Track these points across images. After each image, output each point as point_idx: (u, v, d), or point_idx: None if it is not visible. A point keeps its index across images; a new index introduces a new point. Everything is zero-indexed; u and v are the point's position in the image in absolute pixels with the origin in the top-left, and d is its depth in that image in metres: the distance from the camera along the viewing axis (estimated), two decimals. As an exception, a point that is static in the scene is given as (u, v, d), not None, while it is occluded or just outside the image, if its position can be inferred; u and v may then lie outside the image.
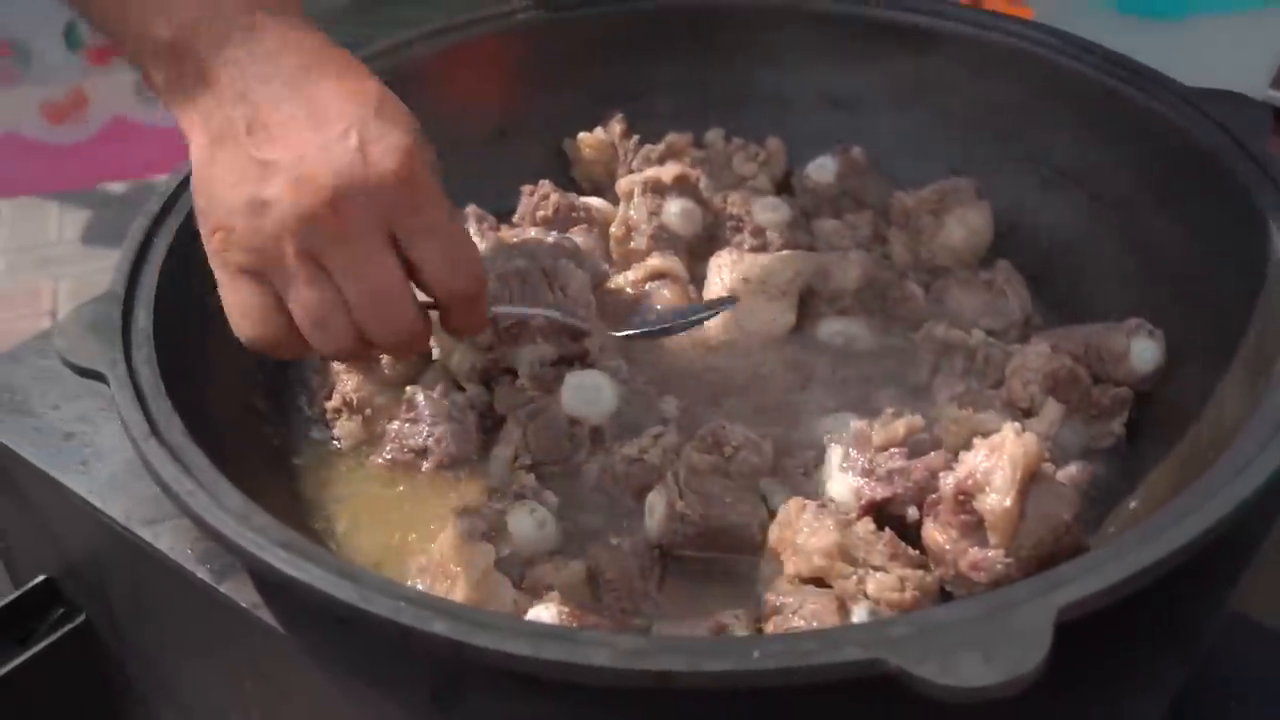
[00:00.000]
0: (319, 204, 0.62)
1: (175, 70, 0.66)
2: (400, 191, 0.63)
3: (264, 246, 0.63)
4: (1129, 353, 0.73)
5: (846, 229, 0.87)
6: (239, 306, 0.65)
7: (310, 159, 0.63)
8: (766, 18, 0.97)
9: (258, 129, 0.64)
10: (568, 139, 0.96)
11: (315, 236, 0.63)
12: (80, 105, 1.88)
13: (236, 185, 0.64)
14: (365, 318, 0.65)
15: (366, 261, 0.64)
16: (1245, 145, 0.75)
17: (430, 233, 0.64)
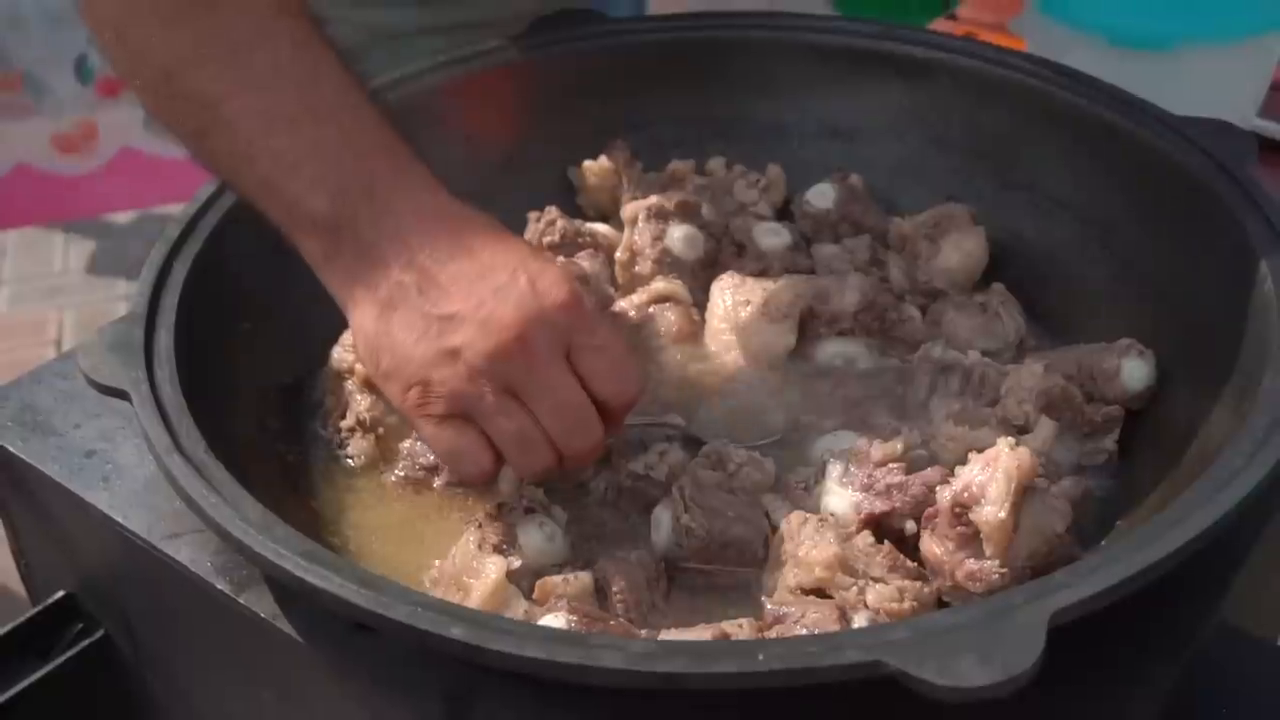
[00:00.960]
0: (508, 340, 0.67)
1: (333, 242, 0.71)
2: (572, 315, 0.69)
3: (464, 390, 0.69)
4: (1120, 372, 0.75)
5: (845, 253, 0.90)
6: (451, 451, 0.70)
7: (489, 303, 0.68)
8: (766, 49, 0.99)
9: (429, 289, 0.69)
10: (573, 167, 0.98)
11: (508, 371, 0.68)
12: (90, 137, 1.91)
13: (420, 341, 0.69)
14: (561, 435, 0.70)
15: (556, 384, 0.69)
16: (1231, 172, 0.77)
17: (600, 349, 0.70)
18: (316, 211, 0.71)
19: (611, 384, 0.71)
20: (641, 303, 0.87)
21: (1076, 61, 0.93)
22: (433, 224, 0.71)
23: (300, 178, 0.72)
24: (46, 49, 1.83)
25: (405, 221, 0.71)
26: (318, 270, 0.73)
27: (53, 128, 1.91)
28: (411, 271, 0.70)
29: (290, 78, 0.73)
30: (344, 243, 0.71)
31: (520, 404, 0.70)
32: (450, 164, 0.91)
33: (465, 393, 0.69)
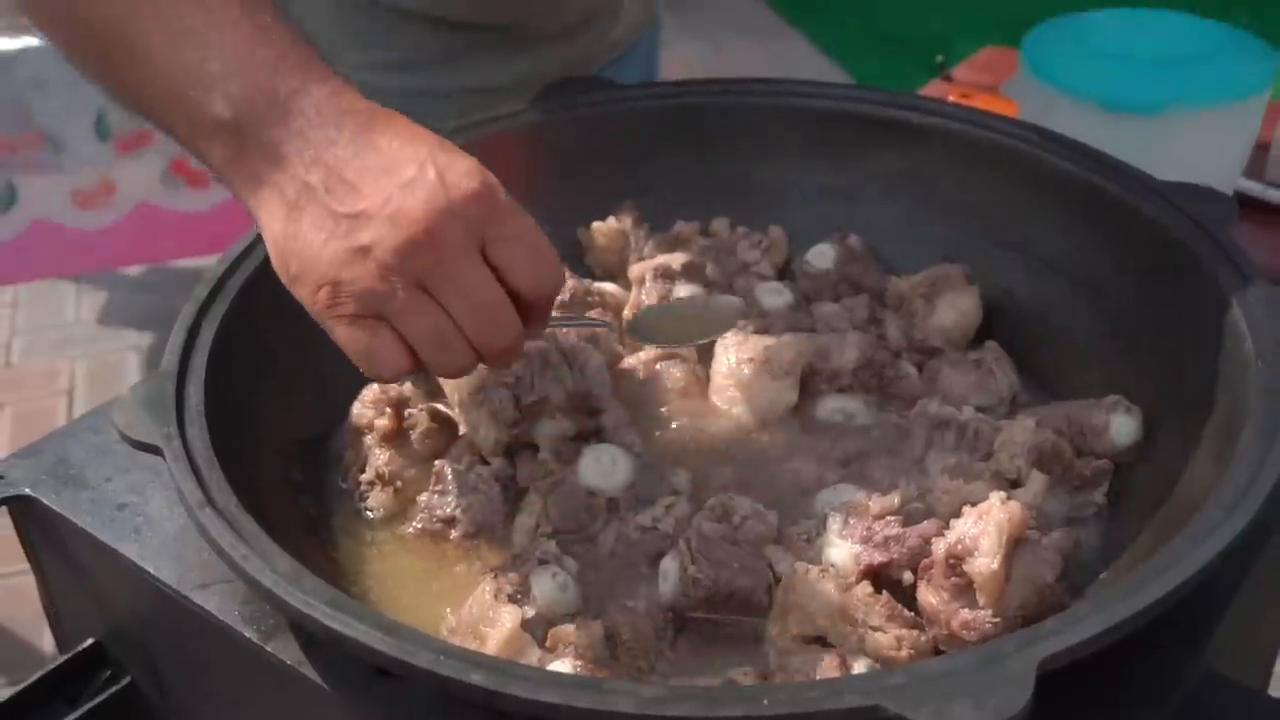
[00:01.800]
0: (418, 234, 0.67)
1: (236, 147, 0.71)
2: (484, 206, 0.68)
3: (375, 288, 0.68)
4: (1109, 427, 0.78)
5: (844, 311, 0.93)
6: (365, 351, 0.70)
7: (396, 198, 0.67)
8: (768, 114, 1.03)
9: (336, 187, 0.69)
10: (582, 228, 1.02)
11: (420, 266, 0.67)
12: (108, 192, 1.96)
13: (329, 240, 0.68)
14: (477, 331, 0.69)
15: (469, 278, 0.68)
16: (1212, 235, 0.81)
17: (515, 238, 0.69)
18: (219, 116, 0.70)
19: (529, 276, 0.70)
20: (648, 360, 0.90)
21: (1067, 124, 0.97)
22: (338, 121, 0.70)
23: (202, 85, 0.71)
24: (67, 108, 1.88)
25: (310, 120, 0.70)
26: (224, 178, 0.73)
27: (72, 183, 1.95)
28: (318, 170, 0.69)
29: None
30: (248, 146, 0.70)
31: (434, 301, 0.68)
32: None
33: (376, 290, 0.68)
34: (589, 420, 0.81)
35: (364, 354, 0.70)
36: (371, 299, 0.68)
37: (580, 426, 0.81)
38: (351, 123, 0.70)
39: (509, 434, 0.80)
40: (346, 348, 0.70)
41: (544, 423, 0.80)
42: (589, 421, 0.81)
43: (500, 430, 0.80)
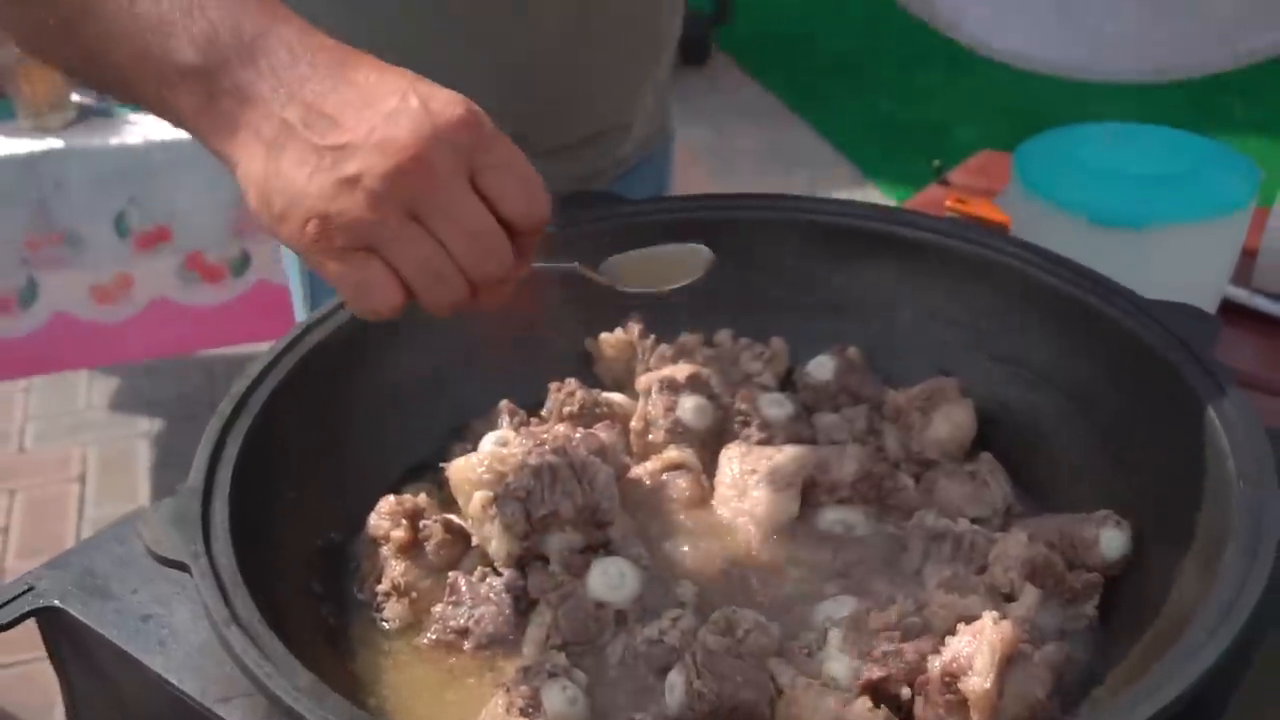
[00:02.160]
0: (405, 161, 0.66)
1: (205, 92, 0.70)
2: (471, 132, 0.68)
3: (365, 218, 0.67)
4: (1099, 541, 0.81)
5: (844, 422, 0.96)
6: (358, 285, 0.69)
7: (381, 128, 0.66)
8: (770, 229, 1.07)
9: (316, 121, 0.68)
10: (591, 338, 1.06)
11: (410, 194, 0.67)
12: (126, 287, 2.00)
13: (314, 175, 0.67)
14: (471, 260, 0.68)
15: (460, 204, 0.68)
16: (1197, 354, 0.84)
17: (504, 166, 0.69)
18: (186, 63, 0.69)
19: (519, 203, 0.69)
20: (655, 470, 0.93)
21: (1058, 236, 1.01)
22: (310, 58, 0.69)
23: (164, 33, 0.70)
24: (88, 207, 1.93)
25: (280, 59, 0.69)
26: (196, 129, 0.72)
27: (91, 279, 2.00)
28: (294, 107, 0.68)
29: None
30: (218, 91, 0.70)
31: (426, 231, 0.68)
32: (479, 334, 1.00)
33: (367, 220, 0.67)
34: (597, 533, 0.84)
35: (356, 288, 0.69)
36: (362, 230, 0.67)
37: (589, 539, 0.83)
38: (324, 59, 0.70)
39: (520, 546, 0.83)
40: (338, 283, 0.70)
41: (554, 535, 0.83)
42: (597, 534, 0.84)
43: (512, 542, 0.83)
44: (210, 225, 2.00)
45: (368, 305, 0.70)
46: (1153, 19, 1.10)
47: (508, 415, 0.97)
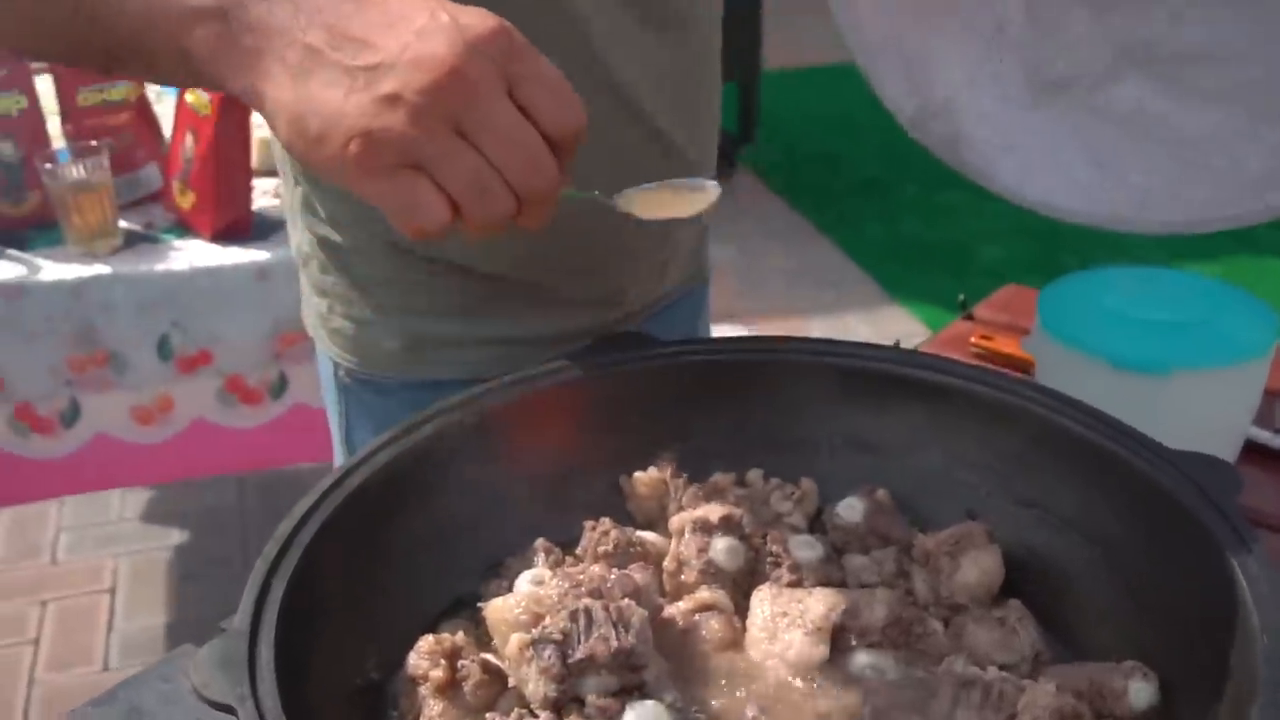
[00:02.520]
0: (443, 75, 0.65)
1: (221, 29, 0.70)
2: (505, 42, 0.68)
3: (408, 133, 0.66)
4: (1127, 693, 0.82)
5: (874, 564, 0.98)
6: (407, 204, 0.68)
7: (414, 45, 0.66)
8: (799, 370, 1.10)
9: (344, 44, 0.67)
10: (624, 476, 1.08)
11: (453, 107, 0.66)
12: (166, 408, 2.05)
13: (350, 94, 0.66)
14: (516, 172, 0.68)
15: (503, 117, 0.67)
16: (1219, 505, 0.86)
17: (538, 77, 0.69)
18: (201, 6, 0.69)
19: (556, 113, 0.69)
20: (687, 610, 0.95)
21: (1081, 380, 1.03)
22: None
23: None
24: (132, 330, 1.99)
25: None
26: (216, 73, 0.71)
27: (132, 400, 2.05)
28: (317, 31, 0.67)
29: None
30: (239, 27, 0.69)
31: (470, 145, 0.67)
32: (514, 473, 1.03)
33: (411, 135, 0.66)
34: (632, 675, 0.85)
35: (405, 207, 0.69)
36: (408, 145, 0.67)
37: (624, 681, 0.85)
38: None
39: (557, 689, 0.84)
40: (387, 203, 0.69)
41: (589, 679, 0.85)
42: (632, 677, 0.85)
43: (548, 685, 0.84)
44: (250, 349, 2.05)
45: (417, 224, 0.70)
46: (1184, 173, 1.14)
47: (543, 553, 0.99)
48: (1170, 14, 1.18)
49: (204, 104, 1.98)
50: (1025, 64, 1.23)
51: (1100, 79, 1.21)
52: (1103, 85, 1.21)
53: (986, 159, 1.21)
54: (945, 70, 1.24)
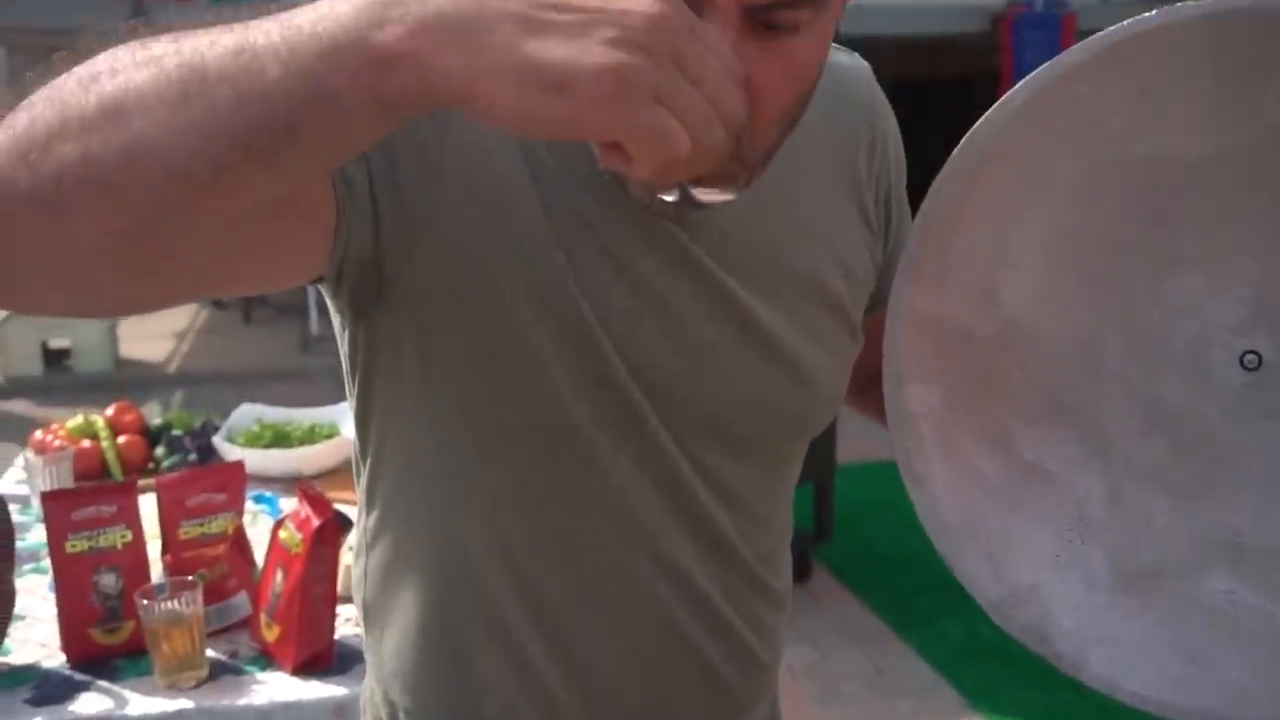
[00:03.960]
0: (657, 18, 0.74)
1: (420, 53, 0.72)
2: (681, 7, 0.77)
3: (647, 67, 0.73)
4: None
5: None
6: (658, 132, 0.75)
7: (613, 1, 0.74)
8: None
9: (546, 9, 0.73)
10: None
11: (669, 44, 0.74)
12: None
13: (578, 42, 0.72)
14: (727, 101, 0.78)
15: (707, 52, 0.77)
16: None
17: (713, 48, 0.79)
18: (386, 44, 0.72)
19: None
20: None
21: None
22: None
23: (355, 41, 0.72)
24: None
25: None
26: (418, 100, 0.74)
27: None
28: (513, 3, 0.73)
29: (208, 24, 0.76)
30: (434, 43, 0.72)
31: (689, 80, 0.75)
32: None
33: (651, 68, 0.73)
34: None
35: (660, 134, 0.75)
36: (650, 76, 0.73)
37: None
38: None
39: None
40: (639, 134, 0.75)
41: None
42: None
43: None
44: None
45: (672, 147, 0.76)
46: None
47: None
48: (1254, 510, 1.20)
49: (296, 542, 2.04)
50: (1109, 551, 1.25)
51: (1187, 569, 1.22)
52: (1191, 575, 1.22)
53: (1076, 649, 1.20)
54: (1028, 554, 1.25)
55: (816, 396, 1.24)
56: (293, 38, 0.73)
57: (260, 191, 0.77)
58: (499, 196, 1.04)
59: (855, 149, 1.27)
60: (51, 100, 0.75)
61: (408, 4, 0.73)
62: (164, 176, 0.74)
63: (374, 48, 0.73)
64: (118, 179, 0.73)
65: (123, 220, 0.75)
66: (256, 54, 0.73)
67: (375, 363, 1.13)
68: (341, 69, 0.73)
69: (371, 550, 1.24)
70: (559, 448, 1.11)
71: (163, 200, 0.75)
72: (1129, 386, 1.23)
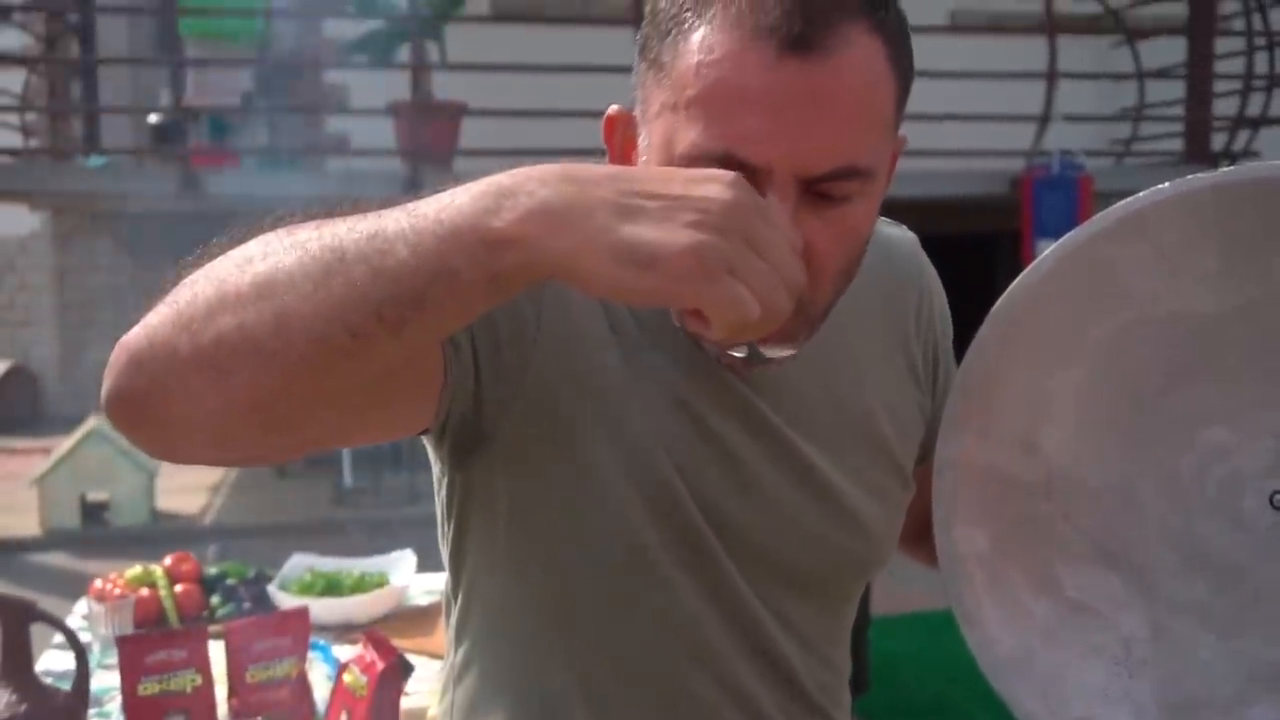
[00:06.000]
0: (728, 204, 0.85)
1: (527, 239, 0.84)
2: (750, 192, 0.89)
3: (723, 246, 0.83)
4: None
5: None
6: (732, 301, 0.84)
7: (692, 188, 0.86)
8: None
9: (634, 197, 0.85)
10: None
11: (740, 226, 0.85)
12: None
13: (663, 225, 0.84)
14: (791, 273, 0.88)
15: (775, 232, 0.87)
16: None
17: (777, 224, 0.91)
18: (497, 229, 0.83)
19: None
20: None
21: None
22: (570, 169, 0.86)
23: (473, 227, 0.84)
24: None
25: (556, 169, 0.86)
26: (521, 274, 0.85)
27: None
28: (607, 194, 0.84)
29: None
30: (539, 230, 0.83)
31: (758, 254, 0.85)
32: None
33: (726, 247, 0.83)
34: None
35: (733, 302, 0.84)
36: (725, 254, 0.83)
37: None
38: (581, 167, 0.88)
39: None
40: (716, 303, 0.84)
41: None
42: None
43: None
44: None
45: (745, 314, 0.85)
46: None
47: None
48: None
49: (361, 685, 2.11)
50: (1156, 683, 1.31)
51: (1232, 702, 1.28)
52: (1235, 709, 1.28)
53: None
54: (1079, 689, 1.32)
55: (870, 539, 1.33)
56: (419, 224, 0.85)
57: (388, 356, 0.88)
58: (584, 353, 1.15)
59: (905, 310, 1.38)
60: (210, 279, 0.88)
61: (518, 195, 0.84)
62: (308, 341, 0.84)
63: (491, 231, 0.84)
64: (270, 345, 0.85)
65: (272, 380, 0.86)
66: (388, 238, 0.85)
67: (470, 509, 1.23)
68: (461, 250, 0.84)
69: (458, 685, 1.32)
70: (638, 586, 1.20)
71: (307, 363, 0.85)
72: (1167, 530, 1.32)
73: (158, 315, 0.89)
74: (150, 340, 0.87)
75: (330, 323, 0.84)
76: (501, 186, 0.86)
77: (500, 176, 0.87)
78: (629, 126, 1.11)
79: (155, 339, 0.87)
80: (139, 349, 0.88)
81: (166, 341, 0.87)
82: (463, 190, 0.87)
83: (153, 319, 0.89)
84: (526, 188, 0.85)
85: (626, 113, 1.12)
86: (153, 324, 0.88)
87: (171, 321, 0.87)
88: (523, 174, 0.86)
